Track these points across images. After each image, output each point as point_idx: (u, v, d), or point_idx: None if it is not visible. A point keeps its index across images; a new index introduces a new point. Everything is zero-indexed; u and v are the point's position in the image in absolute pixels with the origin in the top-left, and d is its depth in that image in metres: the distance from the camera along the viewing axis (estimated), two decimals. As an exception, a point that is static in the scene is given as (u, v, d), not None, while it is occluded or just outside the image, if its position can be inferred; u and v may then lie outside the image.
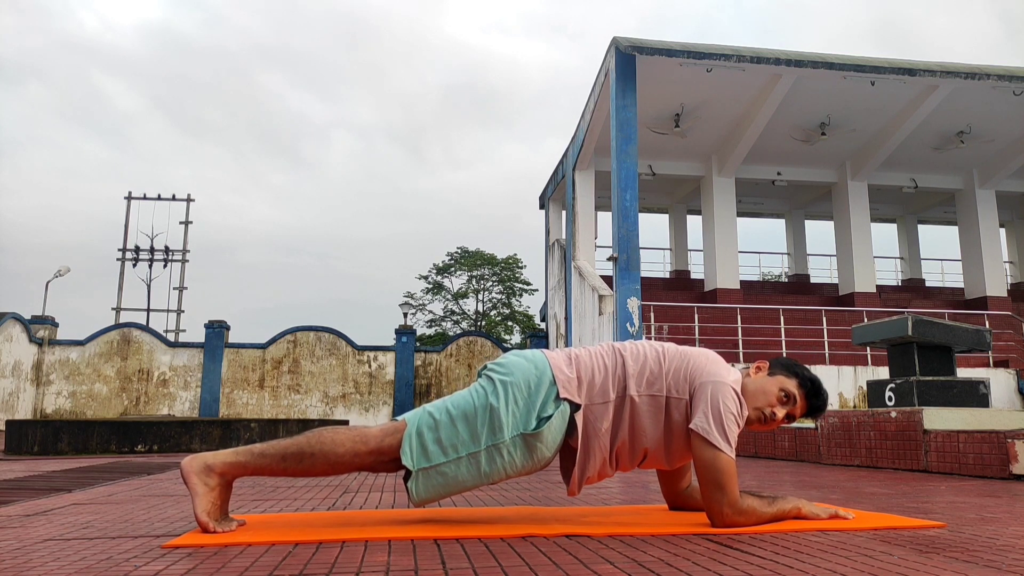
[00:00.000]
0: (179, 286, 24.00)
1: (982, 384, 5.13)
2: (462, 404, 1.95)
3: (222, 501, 1.88)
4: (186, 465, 1.89)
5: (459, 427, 1.92)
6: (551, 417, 1.92)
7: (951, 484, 3.44)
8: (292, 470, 1.91)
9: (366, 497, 2.87)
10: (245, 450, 1.92)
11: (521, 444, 1.91)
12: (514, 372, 1.98)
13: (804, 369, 2.08)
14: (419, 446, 1.90)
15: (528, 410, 1.93)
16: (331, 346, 17.18)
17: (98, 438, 6.73)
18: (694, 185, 16.22)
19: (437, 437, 1.91)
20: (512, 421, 1.92)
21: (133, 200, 23.80)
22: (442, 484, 1.91)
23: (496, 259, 33.05)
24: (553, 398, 1.94)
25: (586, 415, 1.96)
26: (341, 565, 1.46)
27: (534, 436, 1.91)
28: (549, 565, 1.46)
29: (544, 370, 1.98)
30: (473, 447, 1.91)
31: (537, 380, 1.96)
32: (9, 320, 14.90)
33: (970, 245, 15.90)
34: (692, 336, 11.97)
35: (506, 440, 1.91)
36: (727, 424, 1.87)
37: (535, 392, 1.94)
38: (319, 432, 1.92)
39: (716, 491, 1.86)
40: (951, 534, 1.87)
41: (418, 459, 1.90)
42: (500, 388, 1.95)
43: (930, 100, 12.93)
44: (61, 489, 3.21)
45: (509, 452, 1.91)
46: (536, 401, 1.94)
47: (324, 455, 1.89)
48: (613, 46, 11.45)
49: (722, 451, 1.85)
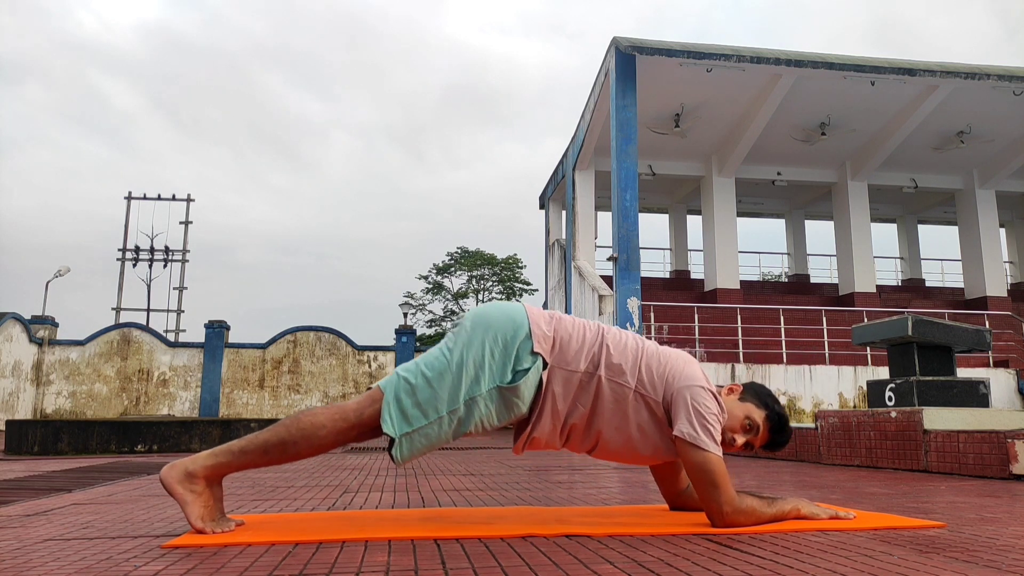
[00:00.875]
0: (179, 286, 24.03)
1: (982, 384, 5.13)
2: (436, 365, 1.93)
3: (214, 502, 1.87)
4: (166, 476, 1.84)
5: (436, 387, 1.90)
6: (528, 371, 1.90)
7: (951, 484, 3.43)
8: (277, 460, 1.90)
9: (366, 497, 2.86)
10: (224, 449, 1.88)
11: (497, 397, 1.90)
12: (491, 324, 1.95)
13: (775, 402, 2.07)
14: (399, 413, 1.89)
15: (504, 363, 1.91)
16: (331, 346, 17.19)
17: (98, 438, 6.73)
18: (694, 185, 16.23)
19: (416, 401, 1.89)
20: (488, 374, 1.90)
21: (133, 200, 23.84)
22: (426, 444, 1.89)
23: (496, 259, 33.05)
24: (529, 351, 1.92)
25: (550, 376, 1.94)
26: (341, 565, 1.46)
27: (510, 390, 1.90)
28: (549, 565, 1.46)
29: (521, 323, 1.95)
30: (452, 404, 1.89)
31: (513, 332, 1.93)
32: (9, 320, 14.90)
33: (970, 245, 15.91)
34: (692, 336, 11.97)
35: (483, 392, 1.89)
36: (710, 425, 1.87)
37: (511, 344, 1.92)
38: (296, 418, 1.90)
39: (712, 490, 1.85)
40: (951, 534, 1.87)
41: (400, 426, 1.88)
42: (476, 341, 1.93)
43: (930, 100, 12.94)
44: (61, 489, 3.21)
45: (486, 404, 1.90)
46: (511, 353, 1.92)
47: (307, 439, 1.88)
48: (613, 46, 11.45)
49: (710, 452, 1.85)
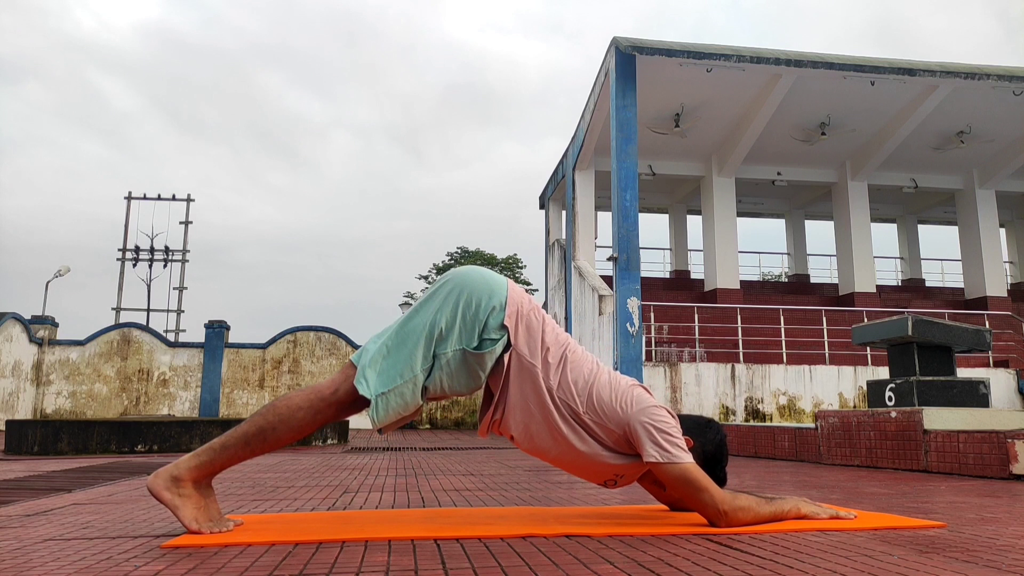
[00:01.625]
0: (179, 286, 24.02)
1: (982, 384, 5.13)
2: (410, 326, 1.94)
3: (206, 503, 1.86)
4: (152, 484, 1.84)
5: (409, 348, 1.91)
6: (496, 342, 1.91)
7: (951, 484, 3.43)
8: (260, 449, 1.89)
9: (366, 497, 2.87)
10: (205, 449, 1.89)
11: (460, 359, 1.90)
12: (467, 286, 1.95)
13: (715, 432, 2.08)
14: (375, 374, 1.90)
15: (473, 326, 1.91)
16: (331, 346, 17.18)
17: (98, 438, 6.72)
18: (694, 185, 16.22)
19: (390, 362, 1.91)
20: (457, 335, 1.90)
21: (133, 200, 23.82)
22: (401, 404, 1.89)
23: (496, 259, 33.07)
24: (499, 325, 1.92)
25: (511, 359, 1.93)
26: (341, 565, 1.46)
27: (475, 356, 1.90)
28: (549, 565, 1.46)
29: (499, 293, 1.95)
30: (426, 363, 1.90)
31: (488, 300, 1.93)
32: (9, 320, 14.90)
33: (970, 245, 15.91)
34: (692, 336, 11.97)
35: (448, 352, 1.90)
36: (674, 438, 1.88)
37: (483, 310, 1.92)
38: (272, 405, 1.90)
39: (701, 494, 1.86)
40: (951, 534, 1.87)
41: (376, 387, 1.89)
42: (451, 302, 1.93)
43: (930, 100, 12.93)
44: (61, 489, 3.21)
45: (448, 363, 1.90)
46: (481, 319, 1.92)
47: (286, 423, 1.88)
48: (613, 46, 11.45)
49: (683, 462, 1.85)
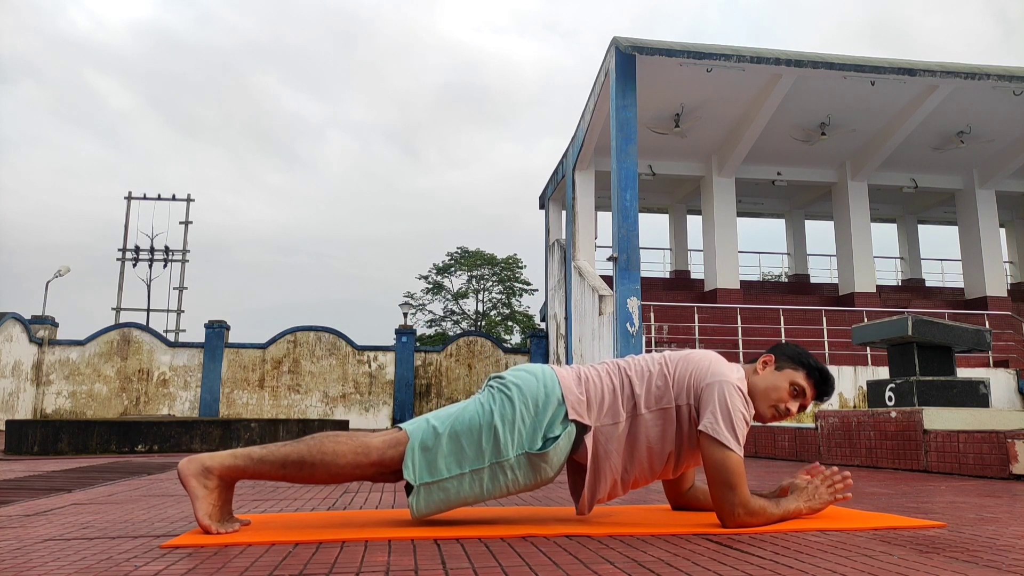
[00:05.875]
0: (179, 286, 24.02)
1: (982, 384, 5.13)
2: (466, 419, 1.91)
3: (223, 502, 1.86)
4: (183, 467, 1.85)
5: (463, 443, 1.88)
6: (558, 438, 1.89)
7: (951, 484, 3.43)
8: (291, 477, 1.88)
9: (366, 497, 2.87)
10: (244, 454, 1.87)
11: (525, 463, 1.89)
12: (523, 389, 1.94)
13: (808, 357, 2.08)
14: (422, 461, 1.87)
15: (535, 429, 1.89)
16: (331, 346, 17.17)
17: (98, 438, 6.72)
18: (694, 185, 16.22)
19: (440, 452, 1.87)
20: (518, 439, 1.88)
21: (133, 200, 23.83)
22: (443, 500, 1.88)
23: (496, 259, 33.04)
24: (561, 418, 1.90)
25: (596, 436, 1.93)
26: (341, 565, 1.46)
27: (539, 456, 1.88)
28: (549, 565, 1.46)
29: (553, 388, 1.94)
30: (477, 464, 1.87)
31: (545, 398, 1.92)
32: (9, 320, 14.90)
33: (970, 245, 15.90)
34: (692, 336, 11.97)
35: (511, 459, 1.88)
36: (736, 423, 1.86)
37: (543, 411, 1.91)
38: (320, 440, 1.87)
39: (727, 491, 1.85)
40: (951, 534, 1.87)
41: (420, 474, 1.86)
42: (507, 405, 1.92)
43: (930, 100, 12.93)
44: (61, 489, 3.21)
45: (513, 470, 1.88)
46: (543, 420, 1.90)
47: (325, 465, 1.85)
48: (613, 46, 11.45)
49: (732, 451, 1.84)
